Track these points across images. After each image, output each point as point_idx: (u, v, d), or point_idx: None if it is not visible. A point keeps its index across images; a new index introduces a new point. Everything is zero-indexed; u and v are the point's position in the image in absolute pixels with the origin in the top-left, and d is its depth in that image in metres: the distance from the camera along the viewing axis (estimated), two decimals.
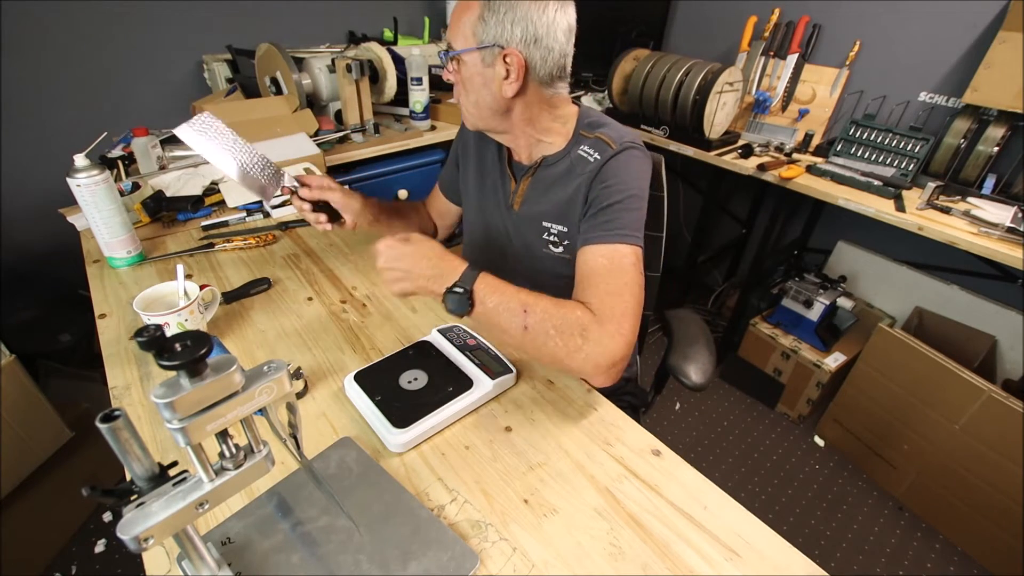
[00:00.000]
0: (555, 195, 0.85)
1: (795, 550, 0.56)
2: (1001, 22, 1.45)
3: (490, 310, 0.67)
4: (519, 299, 0.67)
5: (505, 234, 0.94)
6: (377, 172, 1.66)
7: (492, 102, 0.79)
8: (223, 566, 0.48)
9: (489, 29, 0.72)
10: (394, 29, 2.07)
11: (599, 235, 0.76)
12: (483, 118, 0.82)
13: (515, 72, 0.74)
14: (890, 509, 1.60)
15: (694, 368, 0.91)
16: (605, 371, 0.67)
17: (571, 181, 0.83)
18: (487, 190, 0.95)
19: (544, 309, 0.67)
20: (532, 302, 0.67)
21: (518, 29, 0.72)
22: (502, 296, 0.67)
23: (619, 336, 0.66)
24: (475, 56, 0.75)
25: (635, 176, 0.80)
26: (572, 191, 0.83)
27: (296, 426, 0.49)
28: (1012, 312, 1.60)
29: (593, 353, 0.65)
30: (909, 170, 1.61)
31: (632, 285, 0.71)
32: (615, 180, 0.78)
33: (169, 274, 0.88)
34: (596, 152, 0.81)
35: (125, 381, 0.73)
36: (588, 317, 0.67)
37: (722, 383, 2.05)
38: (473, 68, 0.76)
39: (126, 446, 0.37)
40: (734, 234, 2.31)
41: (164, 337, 0.37)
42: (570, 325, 0.66)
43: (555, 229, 0.87)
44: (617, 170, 0.79)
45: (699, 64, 1.71)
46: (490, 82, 0.77)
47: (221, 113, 1.39)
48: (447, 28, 0.83)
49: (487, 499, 0.59)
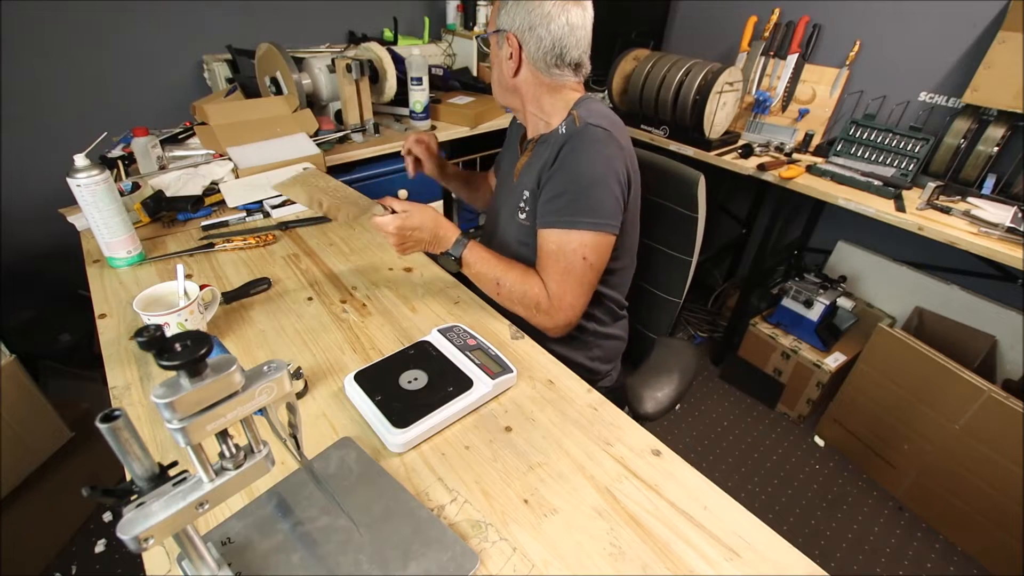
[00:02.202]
0: (534, 165, 0.92)
1: (795, 550, 0.56)
2: (1001, 22, 1.45)
3: (473, 274, 0.89)
4: (494, 272, 0.87)
5: (505, 205, 1.01)
6: (377, 172, 1.66)
7: (502, 79, 0.93)
8: (223, 566, 0.48)
9: (503, 16, 0.87)
10: (394, 29, 2.07)
11: (551, 220, 0.85)
12: (499, 94, 0.97)
13: (514, 53, 0.87)
14: (890, 509, 1.60)
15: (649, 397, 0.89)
16: (554, 334, 0.90)
17: (542, 152, 0.90)
18: (505, 166, 1.08)
19: (512, 283, 0.86)
20: (503, 276, 0.87)
21: (518, 18, 0.85)
22: (483, 266, 0.87)
23: (562, 312, 0.86)
24: (494, 38, 0.91)
25: (591, 160, 0.82)
26: (540, 163, 0.89)
27: (296, 426, 0.49)
28: (1012, 312, 1.60)
29: (545, 322, 0.88)
30: (909, 170, 1.61)
31: (575, 271, 0.84)
32: (570, 163, 0.83)
33: (169, 274, 0.89)
34: (564, 127, 0.88)
35: (125, 381, 0.73)
36: (543, 295, 0.86)
37: (722, 383, 2.05)
38: (494, 48, 0.92)
39: (126, 446, 0.37)
40: (734, 234, 2.31)
41: (164, 337, 0.37)
42: (529, 299, 0.86)
43: (525, 195, 0.92)
44: (574, 151, 0.83)
45: (699, 64, 1.71)
46: (502, 62, 0.91)
47: (221, 113, 1.39)
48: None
49: (487, 499, 0.59)
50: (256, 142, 1.38)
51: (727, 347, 2.07)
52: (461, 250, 0.87)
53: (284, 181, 0.89)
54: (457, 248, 0.87)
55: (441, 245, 0.87)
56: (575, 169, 0.82)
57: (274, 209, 1.18)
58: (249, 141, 1.37)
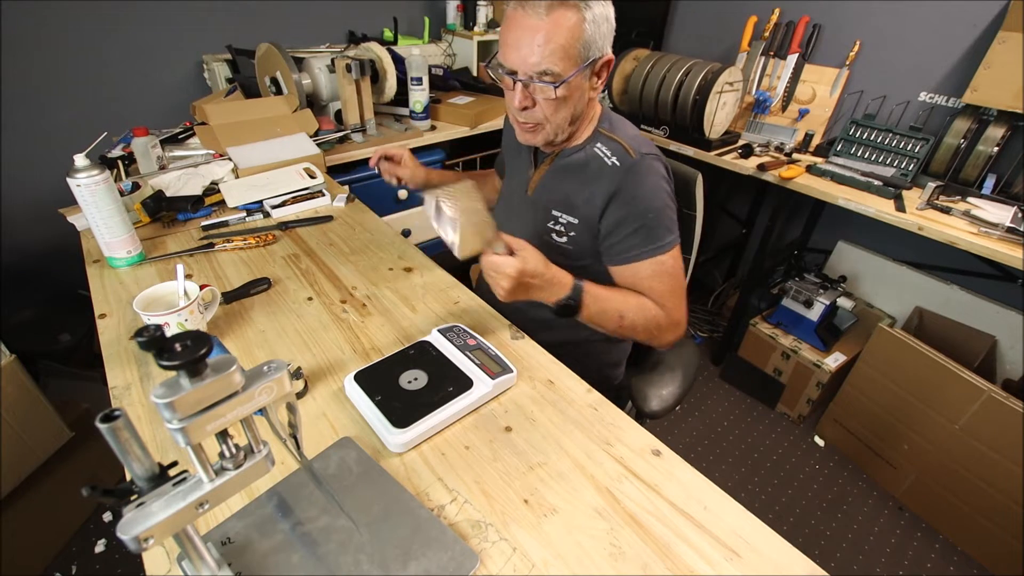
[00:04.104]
0: (568, 186, 0.88)
1: (795, 550, 0.56)
2: (1001, 22, 1.45)
3: (592, 315, 0.80)
4: (616, 307, 0.81)
5: (519, 217, 0.97)
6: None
7: (579, 108, 0.82)
8: (223, 566, 0.48)
9: (593, 43, 0.75)
10: (394, 29, 2.07)
11: (638, 254, 0.83)
12: (565, 129, 0.84)
13: (606, 71, 0.79)
14: (890, 509, 1.60)
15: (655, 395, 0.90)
16: (668, 347, 0.89)
17: (587, 178, 0.86)
18: (512, 173, 1.02)
19: (634, 314, 0.82)
20: (625, 309, 0.82)
21: (608, 32, 0.77)
22: (603, 304, 0.80)
23: (679, 326, 0.86)
24: (581, 75, 0.77)
25: (658, 187, 0.83)
26: (588, 192, 0.85)
27: (296, 426, 0.49)
28: (1012, 312, 1.60)
29: (663, 340, 0.86)
30: (909, 170, 1.61)
31: (676, 283, 0.85)
32: (641, 194, 0.82)
33: (169, 274, 0.88)
34: (615, 157, 0.84)
35: (125, 381, 0.73)
36: (661, 315, 0.84)
37: (722, 383, 2.05)
38: (575, 85, 0.78)
39: (126, 446, 0.37)
40: (734, 234, 2.31)
41: (164, 337, 0.37)
42: (649, 323, 0.83)
43: (564, 219, 0.89)
44: (639, 185, 0.82)
45: (699, 64, 1.71)
46: (585, 91, 0.80)
47: (221, 113, 1.39)
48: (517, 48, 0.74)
49: (487, 499, 0.59)
50: (256, 142, 1.38)
51: (727, 347, 2.07)
52: (580, 294, 0.77)
53: (451, 191, 0.75)
54: (576, 293, 0.77)
55: (556, 292, 0.76)
56: (646, 203, 0.82)
57: (274, 209, 1.18)
58: (249, 141, 1.37)
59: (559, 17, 0.72)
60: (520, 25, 0.73)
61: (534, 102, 0.79)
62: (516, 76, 0.77)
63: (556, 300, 0.77)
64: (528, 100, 0.79)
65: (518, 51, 0.74)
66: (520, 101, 0.78)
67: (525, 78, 0.76)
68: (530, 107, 0.80)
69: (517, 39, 0.74)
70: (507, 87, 0.81)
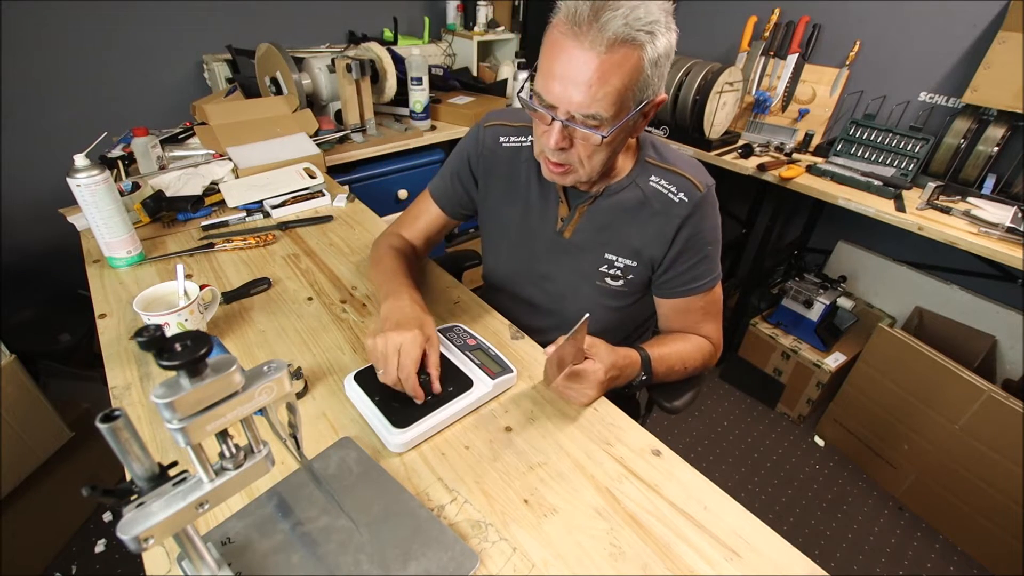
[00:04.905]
0: (623, 227, 0.81)
1: (795, 550, 0.56)
2: (1001, 22, 1.45)
3: (660, 376, 0.82)
4: (678, 363, 0.83)
5: (548, 260, 0.89)
6: (377, 172, 1.66)
7: (619, 151, 0.75)
8: (223, 566, 0.48)
9: (650, 85, 0.64)
10: (394, 29, 2.07)
11: (695, 287, 0.83)
12: (600, 172, 0.74)
13: (654, 112, 0.69)
14: (890, 509, 1.60)
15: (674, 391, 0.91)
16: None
17: (649, 217, 0.79)
18: (523, 213, 0.88)
19: (692, 359, 0.85)
20: (686, 359, 0.84)
21: (667, 70, 0.66)
22: (668, 363, 0.81)
23: (720, 349, 0.91)
24: (631, 119, 0.67)
25: (719, 221, 0.83)
26: (652, 231, 0.79)
27: (296, 426, 0.49)
28: (1012, 312, 1.60)
29: (711, 364, 0.91)
30: (909, 170, 1.61)
31: (720, 309, 0.89)
32: (706, 228, 0.80)
33: (169, 274, 0.88)
34: (682, 193, 0.77)
35: (125, 381, 0.73)
36: (709, 348, 0.88)
37: (722, 383, 2.05)
38: (621, 129, 0.67)
39: (126, 446, 0.37)
40: (734, 234, 2.31)
41: (164, 337, 0.37)
42: (705, 359, 0.87)
43: (620, 263, 0.83)
44: (705, 218, 0.80)
45: (699, 64, 1.71)
46: (630, 132, 0.71)
47: (221, 113, 1.39)
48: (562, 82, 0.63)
49: (487, 499, 0.59)
50: (256, 142, 1.38)
51: (727, 347, 2.07)
52: (650, 366, 0.78)
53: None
54: (647, 367, 0.78)
55: (629, 375, 0.76)
56: (710, 236, 0.81)
57: (274, 209, 1.18)
58: (249, 141, 1.37)
59: (620, 56, 0.60)
60: (570, 55, 0.60)
61: (571, 143, 0.68)
62: (555, 113, 0.65)
63: (630, 381, 0.77)
64: (565, 142, 0.68)
65: (563, 86, 0.62)
66: (557, 142, 0.67)
67: (566, 117, 0.65)
68: (566, 148, 0.69)
69: (564, 71, 0.61)
70: (542, 121, 0.69)
